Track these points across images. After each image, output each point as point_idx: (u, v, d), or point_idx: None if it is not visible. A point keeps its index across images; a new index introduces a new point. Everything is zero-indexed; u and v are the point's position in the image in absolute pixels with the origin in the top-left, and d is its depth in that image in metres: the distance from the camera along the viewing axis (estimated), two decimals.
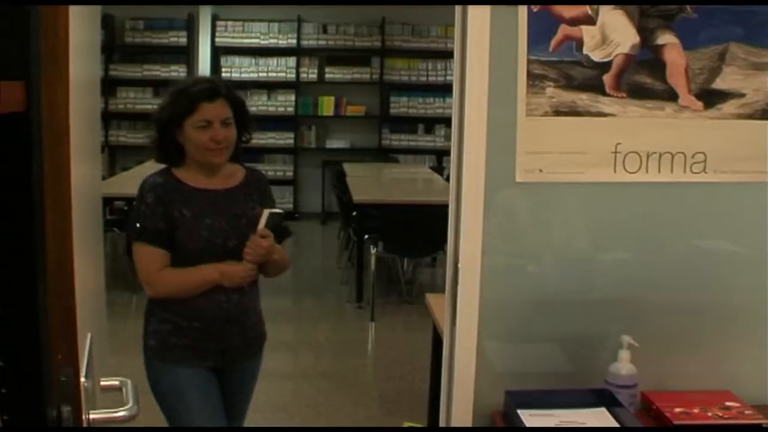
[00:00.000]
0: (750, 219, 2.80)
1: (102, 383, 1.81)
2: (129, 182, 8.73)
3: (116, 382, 1.82)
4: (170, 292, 3.25)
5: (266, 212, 3.28)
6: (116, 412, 1.66)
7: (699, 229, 2.79)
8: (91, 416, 1.56)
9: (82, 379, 1.49)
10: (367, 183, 9.36)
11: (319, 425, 5.24)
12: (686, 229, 2.78)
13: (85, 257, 1.82)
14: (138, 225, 3.22)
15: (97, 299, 2.15)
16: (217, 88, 3.24)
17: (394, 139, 12.34)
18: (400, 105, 12.27)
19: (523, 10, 2.52)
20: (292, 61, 12.20)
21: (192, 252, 3.21)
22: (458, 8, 2.55)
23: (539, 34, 2.52)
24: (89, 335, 1.71)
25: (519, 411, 2.46)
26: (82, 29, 1.81)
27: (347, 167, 10.15)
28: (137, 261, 3.26)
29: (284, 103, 12.18)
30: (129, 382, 1.82)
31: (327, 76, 12.22)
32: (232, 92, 3.31)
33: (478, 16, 2.49)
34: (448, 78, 11.33)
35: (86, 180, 1.92)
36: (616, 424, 2.47)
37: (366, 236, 7.80)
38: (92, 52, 2.17)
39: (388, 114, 12.29)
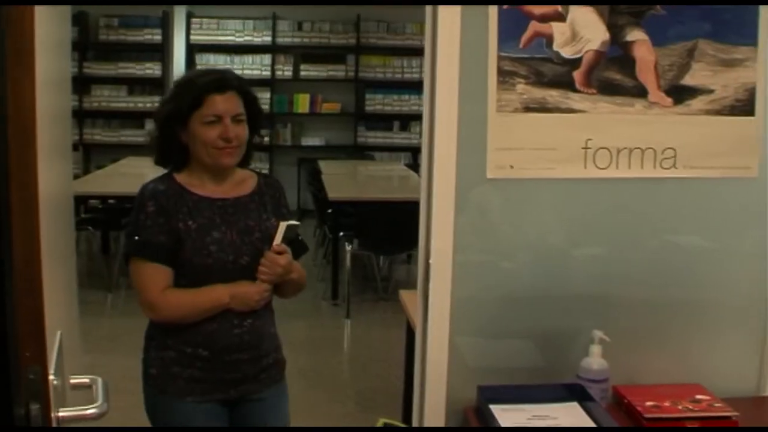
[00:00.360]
0: (720, 214, 2.83)
1: (72, 381, 1.80)
2: (104, 180, 8.74)
3: (86, 380, 1.81)
4: (175, 316, 2.83)
5: (284, 225, 2.89)
6: (86, 409, 1.65)
7: (670, 224, 2.82)
8: (60, 414, 1.55)
9: (51, 377, 1.49)
10: (343, 180, 9.36)
11: (295, 423, 5.22)
12: (658, 224, 2.80)
13: (55, 256, 1.82)
14: (137, 238, 2.80)
15: (68, 297, 2.15)
16: (227, 80, 2.85)
17: (370, 136, 12.36)
18: (376, 102, 12.28)
19: (493, 7, 2.53)
20: (267, 58, 12.18)
21: (198, 270, 2.81)
22: (429, 6, 2.56)
23: (509, 30, 2.53)
24: (59, 333, 1.71)
25: (491, 406, 2.47)
26: (50, 27, 1.81)
27: (323, 165, 10.15)
28: (136, 280, 2.84)
29: (259, 100, 12.14)
30: (99, 379, 1.80)
31: (302, 73, 12.21)
32: (245, 86, 2.92)
33: (449, 14, 2.50)
34: (423, 75, 11.32)
35: (56, 178, 1.92)
36: (587, 419, 2.49)
37: (341, 233, 7.80)
38: (62, 49, 2.17)
39: (363, 111, 12.31)
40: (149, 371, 2.92)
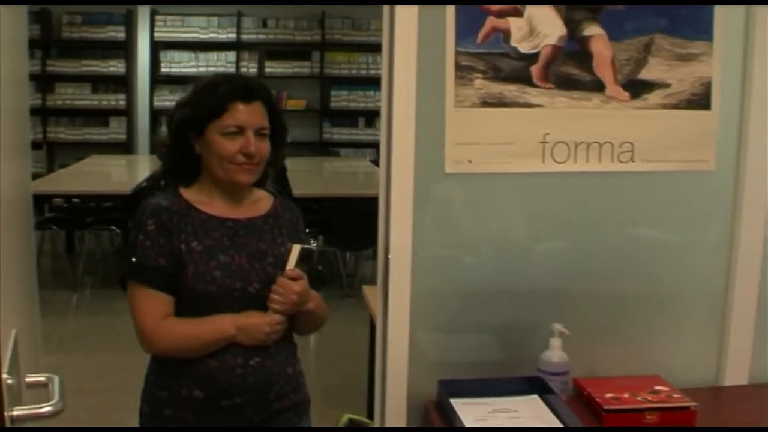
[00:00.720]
0: (679, 208, 2.86)
1: (27, 380, 1.79)
2: (68, 179, 8.70)
3: (42, 378, 1.80)
4: (171, 349, 2.50)
5: (297, 247, 2.59)
6: (41, 408, 1.64)
7: (631, 218, 2.84)
8: (15, 413, 1.55)
9: (4, 376, 1.48)
10: (308, 177, 9.36)
11: None
12: (618, 218, 2.82)
13: (10, 255, 1.81)
14: (134, 260, 2.49)
15: (26, 296, 2.14)
16: (254, 88, 2.55)
17: (335, 132, 12.37)
18: (341, 99, 12.29)
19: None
20: (231, 55, 12.16)
21: (201, 298, 2.48)
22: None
23: (467, 26, 2.54)
24: (14, 332, 1.70)
25: (452, 400, 2.48)
26: (3, 26, 1.80)
27: (288, 161, 10.09)
28: (131, 307, 2.51)
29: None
30: (56, 378, 1.79)
31: (267, 70, 12.19)
32: (272, 97, 2.63)
33: (407, 11, 2.51)
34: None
35: (11, 179, 1.91)
36: (548, 411, 2.50)
37: (306, 230, 7.77)
38: (17, 48, 2.15)
39: (328, 108, 12.31)
40: (143, 408, 2.63)
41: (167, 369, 2.55)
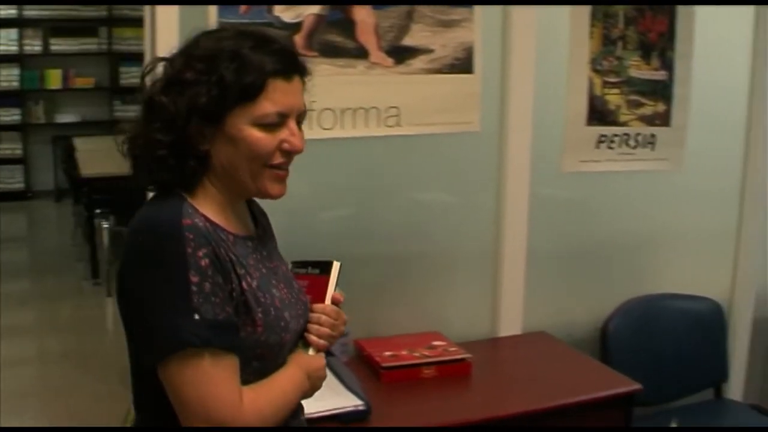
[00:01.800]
0: (451, 169, 2.98)
1: None
2: None
3: None
4: (260, 428, 1.68)
5: (338, 264, 2.01)
6: None
7: (405, 181, 2.95)
8: None
9: None
10: (98, 157, 9.09)
11: (60, 407, 5.13)
12: (393, 182, 2.93)
13: None
14: (197, 317, 1.58)
15: None
16: (296, 57, 1.74)
17: (127, 110, 12.08)
18: (131, 75, 11.93)
19: None
20: (14, 33, 11.63)
21: (270, 350, 1.74)
22: None
23: None
24: None
25: None
26: None
27: (78, 142, 9.82)
28: (198, 390, 1.59)
29: (8, 77, 11.58)
30: None
31: (52, 47, 11.73)
32: (307, 65, 1.78)
33: None
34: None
35: None
36: (328, 373, 2.54)
37: (98, 211, 7.61)
38: None
39: (118, 85, 11.97)
40: None
41: None
